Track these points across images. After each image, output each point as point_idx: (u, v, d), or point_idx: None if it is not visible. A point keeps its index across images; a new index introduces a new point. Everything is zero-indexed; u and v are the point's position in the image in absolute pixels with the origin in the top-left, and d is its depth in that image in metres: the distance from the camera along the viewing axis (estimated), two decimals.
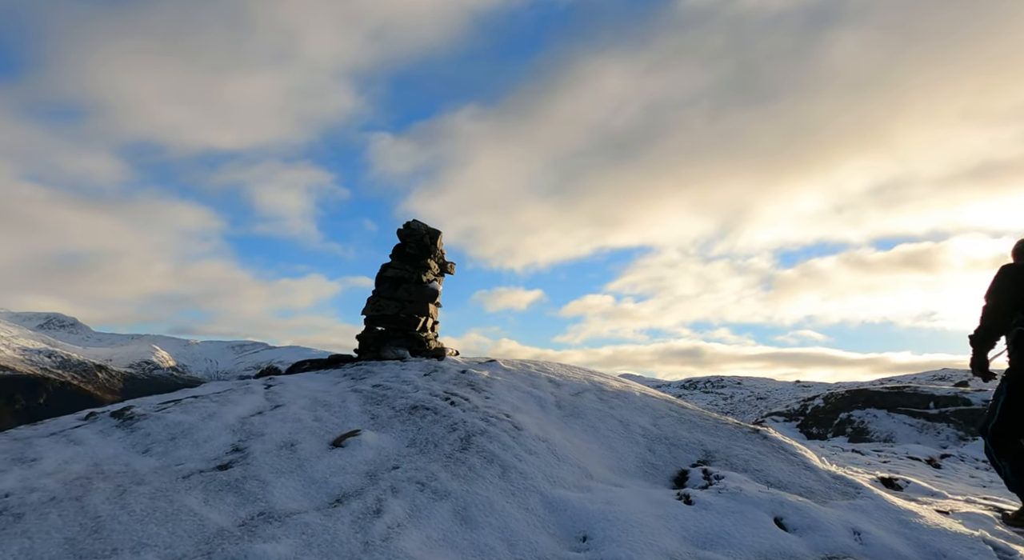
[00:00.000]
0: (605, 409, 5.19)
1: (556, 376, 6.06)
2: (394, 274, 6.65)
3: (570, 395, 5.46)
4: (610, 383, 6.12)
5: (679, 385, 77.48)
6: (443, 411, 4.45)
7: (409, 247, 6.77)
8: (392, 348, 6.47)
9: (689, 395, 68.90)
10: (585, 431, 4.70)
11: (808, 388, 57.43)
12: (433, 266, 6.90)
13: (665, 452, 4.55)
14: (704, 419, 5.26)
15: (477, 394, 4.98)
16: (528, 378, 5.80)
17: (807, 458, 4.60)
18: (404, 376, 5.42)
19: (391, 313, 6.60)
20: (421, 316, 6.66)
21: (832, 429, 12.08)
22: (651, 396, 5.80)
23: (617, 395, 5.63)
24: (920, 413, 11.10)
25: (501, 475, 3.56)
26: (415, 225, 6.87)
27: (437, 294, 6.74)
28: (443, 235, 7.22)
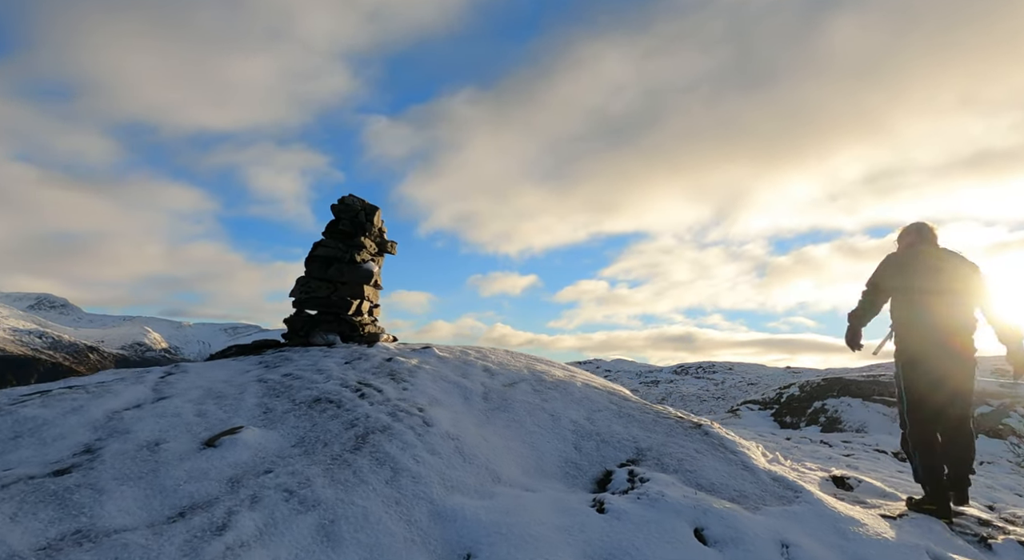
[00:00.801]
0: (537, 401, 4.77)
1: (494, 365, 5.64)
2: (325, 253, 6.18)
3: (502, 385, 5.04)
4: (552, 372, 5.71)
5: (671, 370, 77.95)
6: (348, 404, 4.02)
7: (342, 224, 6.29)
8: (322, 333, 6.02)
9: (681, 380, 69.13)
10: (508, 426, 4.29)
11: (798, 374, 57.62)
12: (369, 245, 6.42)
13: (593, 450, 4.15)
14: (644, 412, 4.86)
15: (395, 385, 4.56)
16: (461, 367, 5.37)
17: (748, 456, 4.21)
18: (322, 364, 4.98)
19: (322, 295, 6.15)
20: (355, 299, 6.21)
21: (805, 418, 11.77)
22: (594, 386, 5.40)
23: (556, 386, 5.22)
24: (895, 402, 10.77)
25: (390, 480, 3.14)
26: (350, 200, 6.39)
27: (372, 275, 6.28)
28: (380, 212, 6.74)
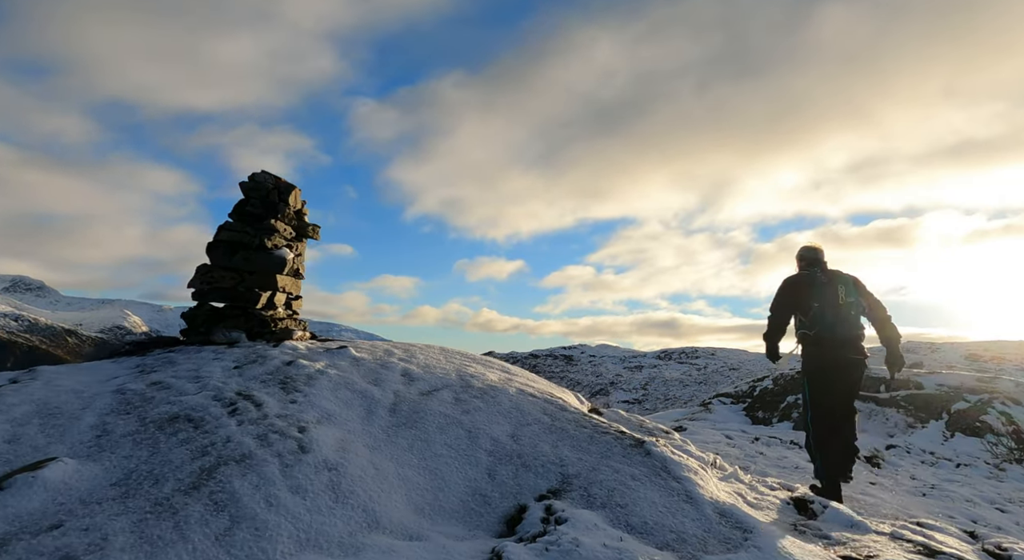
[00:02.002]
0: (456, 414, 4.08)
1: (418, 368, 4.94)
2: (230, 238, 5.39)
3: (419, 394, 4.34)
4: (486, 376, 5.02)
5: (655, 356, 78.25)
6: (211, 424, 3.30)
7: (251, 204, 5.51)
8: (224, 330, 5.27)
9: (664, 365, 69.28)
10: (412, 448, 3.60)
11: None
12: (283, 228, 5.65)
13: (509, 478, 3.47)
14: (581, 427, 4.19)
15: (283, 396, 3.84)
16: (376, 371, 4.66)
17: (693, 483, 3.56)
18: (205, 369, 4.24)
19: (226, 286, 5.37)
20: (265, 290, 5.45)
21: (778, 413, 11.25)
22: (529, 393, 4.72)
23: (484, 393, 4.53)
24: (870, 397, 10.29)
25: (222, 535, 2.43)
26: (260, 177, 5.60)
27: (286, 263, 5.51)
28: (299, 191, 5.96)
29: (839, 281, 4.58)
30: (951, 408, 9.80)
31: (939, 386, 10.47)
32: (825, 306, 4.49)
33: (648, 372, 66.68)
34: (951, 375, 10.91)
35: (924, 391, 10.37)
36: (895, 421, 10.00)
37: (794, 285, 4.71)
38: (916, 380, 10.71)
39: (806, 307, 4.56)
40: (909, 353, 51.32)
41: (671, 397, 54.37)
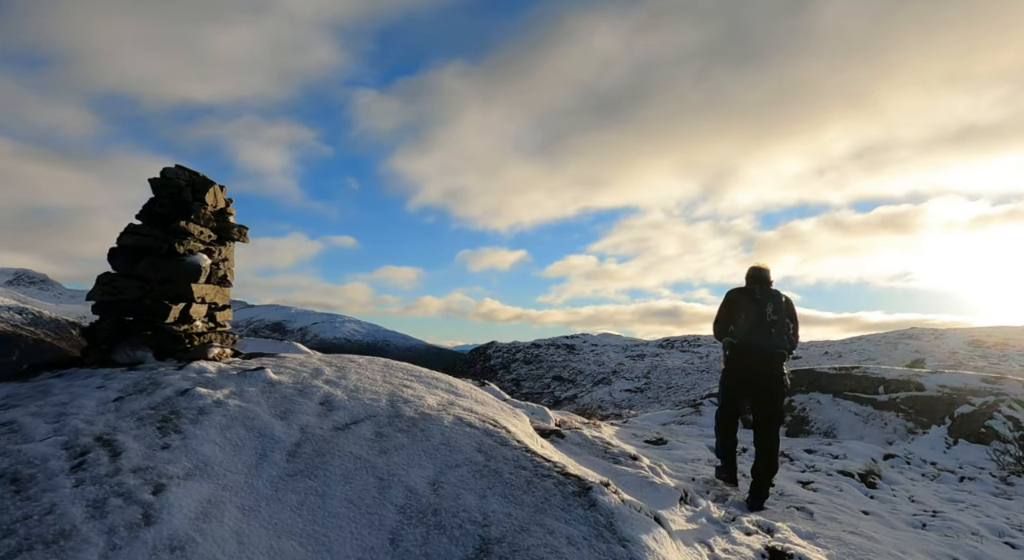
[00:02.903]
0: (370, 455, 3.45)
1: (343, 392, 4.30)
2: (135, 242, 4.73)
3: (333, 429, 3.71)
4: (423, 400, 4.38)
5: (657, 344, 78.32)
6: (39, 485, 2.67)
7: (159, 204, 4.84)
8: (128, 348, 4.62)
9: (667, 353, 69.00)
10: (302, 507, 2.96)
11: None
12: (198, 231, 4.98)
13: (417, 545, 2.84)
14: (520, 467, 3.56)
15: (155, 439, 3.20)
16: (288, 400, 4.02)
17: (643, 549, 2.93)
18: (78, 403, 3.60)
19: (132, 298, 4.72)
20: (176, 302, 4.79)
21: None
22: (468, 423, 4.08)
23: (412, 425, 3.89)
24: (868, 400, 9.68)
25: None
26: (172, 172, 4.92)
27: (200, 270, 4.85)
28: (221, 188, 5.28)
29: (771, 299, 5.13)
30: (954, 412, 9.17)
31: (941, 387, 9.82)
32: (750, 318, 5.07)
33: (650, 361, 66.38)
34: (954, 375, 10.26)
35: (925, 393, 9.73)
36: (894, 426, 9.37)
37: (733, 297, 5.32)
38: (917, 381, 10.06)
39: (736, 317, 5.17)
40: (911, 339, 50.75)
41: (673, 385, 54.06)
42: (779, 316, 5.05)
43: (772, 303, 5.10)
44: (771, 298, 5.14)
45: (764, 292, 5.21)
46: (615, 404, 52.40)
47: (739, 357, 5.15)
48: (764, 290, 5.25)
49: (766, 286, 5.33)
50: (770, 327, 5.02)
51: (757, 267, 5.43)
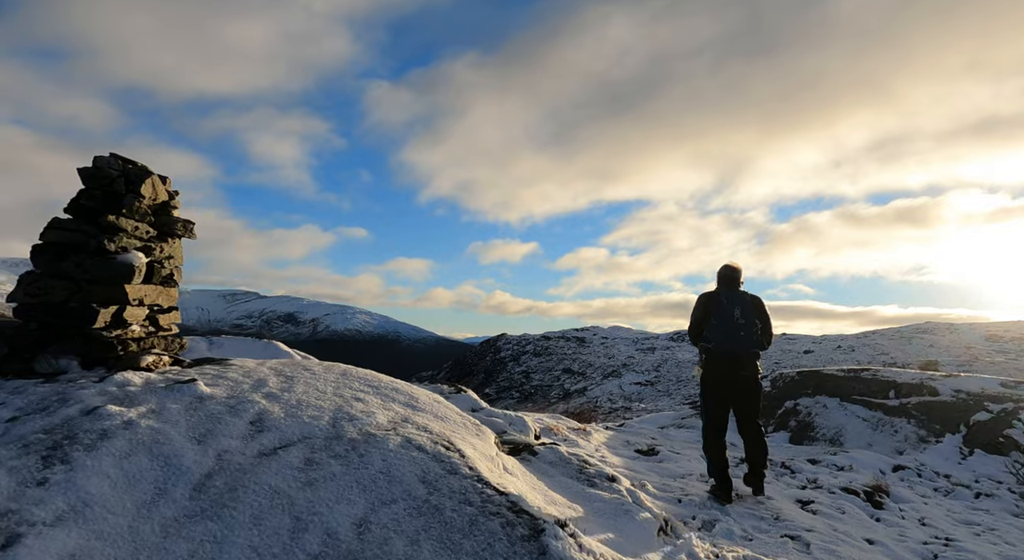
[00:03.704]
0: (293, 488, 3.00)
1: (283, 407, 3.84)
2: (60, 239, 4.29)
3: (257, 455, 3.25)
4: (372, 417, 3.92)
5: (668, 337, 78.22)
6: None
7: (87, 196, 4.40)
8: (50, 356, 4.19)
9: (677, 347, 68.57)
10: (191, 558, 2.51)
11: (793, 341, 56.70)
12: (131, 226, 4.52)
13: None
14: (464, 503, 3.09)
15: (33, 472, 2.74)
16: (215, 418, 3.57)
17: None
18: None
19: (57, 299, 4.30)
20: (107, 305, 4.35)
21: (775, 421, 10.11)
22: (416, 446, 3.61)
23: (353, 448, 3.43)
24: (878, 404, 9.13)
25: None
26: (103, 161, 4.46)
27: (132, 270, 4.40)
28: (163, 179, 4.82)
29: (738, 301, 5.17)
30: (970, 420, 8.59)
31: (956, 393, 9.23)
32: (720, 322, 5.09)
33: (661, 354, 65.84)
34: (971, 379, 9.65)
35: (939, 398, 9.14)
36: (905, 434, 8.81)
37: (704, 301, 5.31)
38: (930, 385, 9.47)
39: (707, 322, 5.18)
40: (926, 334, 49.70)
41: (684, 379, 53.51)
42: (747, 318, 5.13)
43: (739, 306, 5.17)
44: (738, 300, 5.21)
45: (730, 295, 5.26)
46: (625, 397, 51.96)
47: (713, 363, 5.20)
48: (730, 293, 5.28)
49: (735, 287, 5.36)
50: (739, 330, 5.10)
51: (728, 266, 5.43)
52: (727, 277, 5.37)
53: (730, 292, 5.28)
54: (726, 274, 5.38)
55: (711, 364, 5.21)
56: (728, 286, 5.34)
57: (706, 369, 5.27)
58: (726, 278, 5.37)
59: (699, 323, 5.28)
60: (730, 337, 5.09)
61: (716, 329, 5.10)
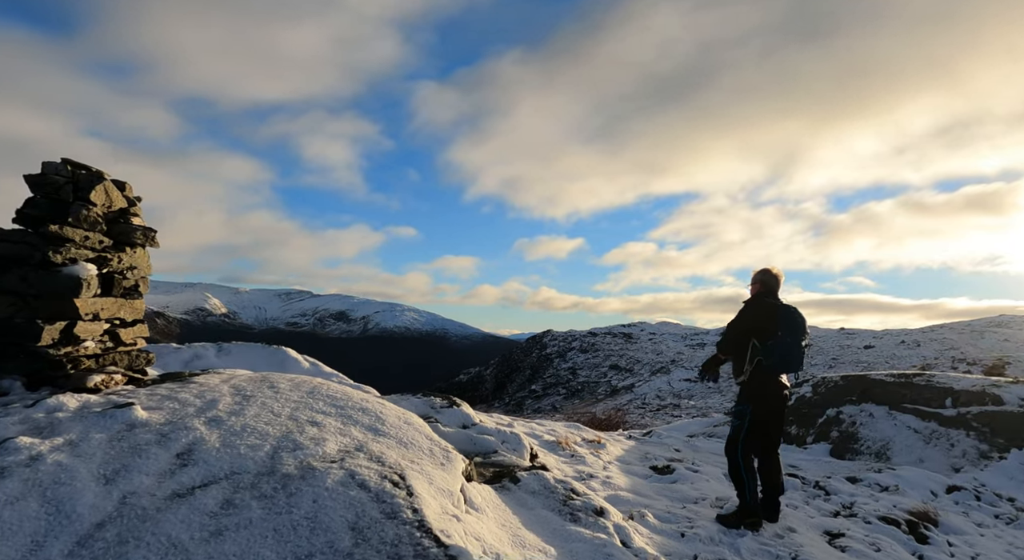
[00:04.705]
0: (193, 540, 2.60)
1: (222, 435, 3.46)
2: (3, 251, 4.06)
3: (167, 496, 2.87)
4: (320, 446, 3.51)
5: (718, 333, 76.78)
6: None
7: (33, 205, 4.15)
8: None
9: None
10: None
11: (852, 335, 54.10)
12: (80, 236, 4.24)
13: None
14: (395, 557, 2.63)
15: None
16: (136, 451, 3.22)
17: None
18: None
19: (1, 316, 4.07)
20: (53, 321, 4.08)
21: (815, 431, 9.28)
22: (358, 483, 3.17)
23: (282, 487, 3.03)
24: (932, 414, 8.21)
25: None
26: (51, 167, 4.19)
27: (80, 284, 4.12)
28: (120, 185, 4.54)
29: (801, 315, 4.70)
30: None
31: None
32: (795, 341, 4.57)
33: (711, 349, 64.00)
34: None
35: (1005, 408, 8.12)
36: (963, 448, 7.87)
37: (772, 311, 4.69)
38: (994, 393, 8.43)
39: (770, 334, 4.61)
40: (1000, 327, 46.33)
41: None
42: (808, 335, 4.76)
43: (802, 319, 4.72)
44: (799, 313, 4.73)
45: (799, 312, 4.73)
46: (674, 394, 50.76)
47: (775, 384, 4.69)
48: (790, 305, 4.76)
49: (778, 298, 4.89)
50: (804, 354, 4.66)
51: (774, 274, 4.92)
52: (775, 285, 4.89)
53: (788, 304, 4.76)
54: (771, 281, 4.89)
55: (772, 384, 4.68)
56: (776, 297, 4.85)
57: (765, 389, 4.69)
58: (773, 286, 4.88)
59: (759, 333, 4.67)
60: (798, 359, 4.58)
61: (787, 348, 4.54)
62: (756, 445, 4.78)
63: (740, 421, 4.79)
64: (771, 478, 4.84)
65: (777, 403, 4.74)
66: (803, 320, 4.71)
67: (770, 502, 4.85)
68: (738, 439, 4.74)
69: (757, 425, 4.71)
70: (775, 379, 4.69)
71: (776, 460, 4.87)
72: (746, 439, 4.72)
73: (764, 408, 4.71)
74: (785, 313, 4.66)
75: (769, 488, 4.85)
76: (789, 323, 4.60)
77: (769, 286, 4.86)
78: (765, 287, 4.87)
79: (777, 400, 4.73)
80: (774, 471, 4.85)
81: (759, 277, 4.92)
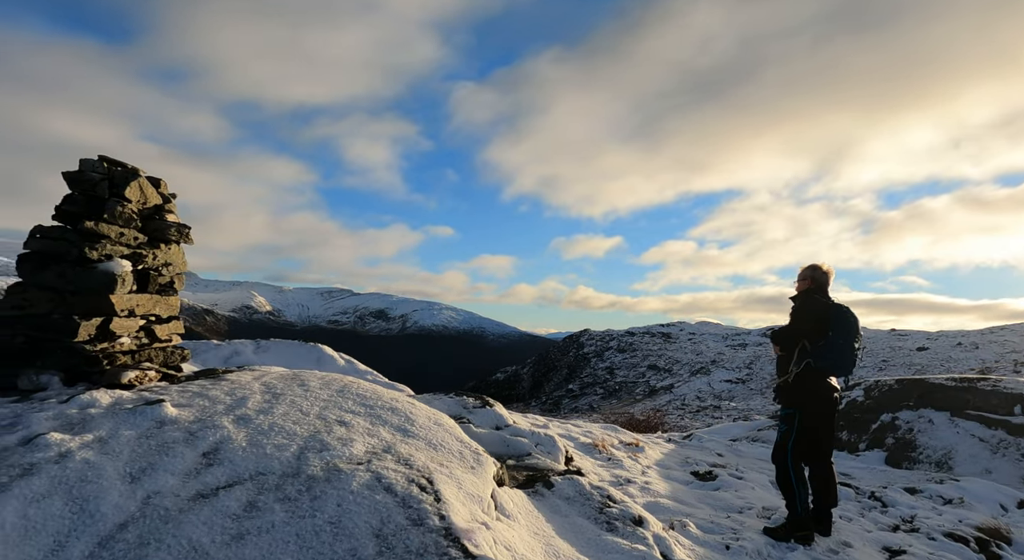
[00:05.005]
0: (214, 544, 2.52)
1: (248, 433, 3.40)
2: (42, 247, 4.10)
3: (191, 497, 2.81)
4: (348, 446, 3.41)
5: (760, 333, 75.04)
6: None
7: (71, 201, 4.18)
8: (33, 372, 4.00)
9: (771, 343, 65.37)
10: None
11: (905, 337, 51.94)
12: (115, 233, 4.25)
13: None
14: None
15: None
16: (164, 448, 3.17)
17: None
18: None
19: (42, 311, 4.11)
20: (88, 318, 4.10)
21: (868, 437, 8.79)
22: (384, 486, 3.06)
23: (307, 489, 2.93)
24: (999, 421, 7.68)
25: None
26: (88, 164, 4.22)
27: (115, 280, 4.13)
28: (155, 182, 4.54)
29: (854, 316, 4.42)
30: None
31: None
32: (848, 344, 4.31)
33: (753, 350, 62.57)
34: None
35: None
36: None
37: (824, 312, 4.43)
38: None
39: (821, 334, 4.38)
40: None
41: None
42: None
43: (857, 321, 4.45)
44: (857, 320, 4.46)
45: (852, 312, 4.46)
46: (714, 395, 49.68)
47: (825, 387, 4.43)
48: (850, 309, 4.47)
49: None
50: (857, 356, 4.39)
51: (825, 270, 4.64)
52: (826, 282, 4.62)
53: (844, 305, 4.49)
54: (823, 278, 4.61)
55: (822, 387, 4.42)
56: (826, 294, 4.59)
57: (821, 393, 4.42)
58: (824, 283, 4.61)
59: (810, 333, 4.41)
60: (850, 362, 4.33)
61: (839, 350, 4.29)
62: (806, 452, 4.47)
63: (788, 426, 4.52)
64: (823, 488, 4.55)
65: (828, 407, 4.46)
66: (856, 321, 4.42)
67: (822, 514, 4.56)
68: (787, 445, 4.47)
69: (807, 430, 4.44)
70: (825, 381, 4.43)
71: (829, 468, 4.56)
72: (795, 445, 4.45)
73: (814, 412, 4.44)
74: (838, 313, 4.40)
75: (821, 498, 4.55)
76: (842, 324, 4.34)
77: (820, 283, 4.59)
78: (816, 283, 4.59)
79: (828, 404, 4.45)
80: (827, 480, 4.54)
81: (809, 273, 4.64)
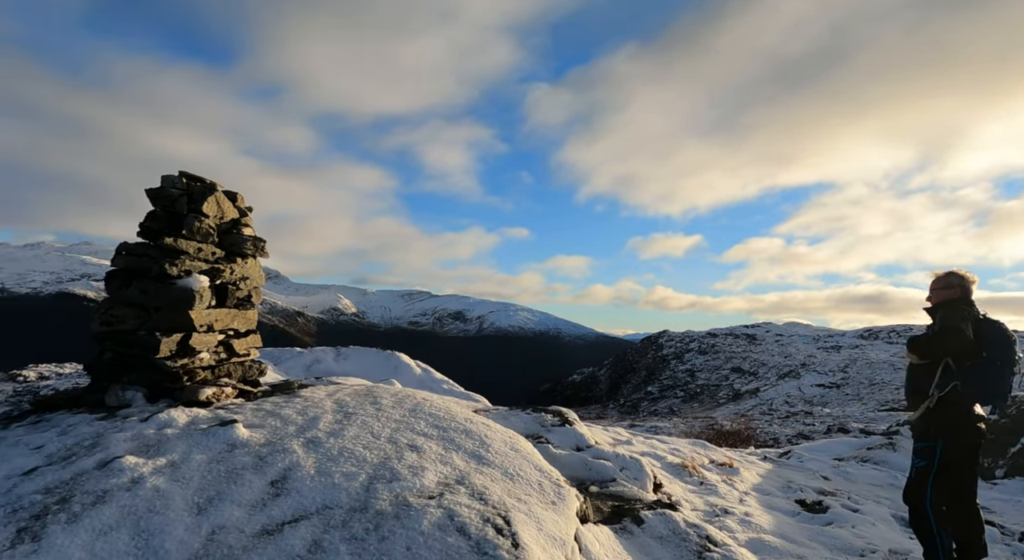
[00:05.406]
0: None
1: (319, 459, 3.24)
2: (127, 264, 4.14)
3: (255, 533, 2.65)
4: (420, 478, 3.18)
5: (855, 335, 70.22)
6: None
7: (153, 218, 4.20)
8: (120, 388, 4.04)
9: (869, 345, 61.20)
10: None
11: None
12: (194, 248, 4.25)
13: None
14: None
15: None
16: (232, 475, 3.05)
17: None
18: None
19: (129, 328, 4.15)
20: (169, 334, 4.11)
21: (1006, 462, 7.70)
22: (460, 523, 2.79)
23: (374, 528, 2.71)
24: None
25: None
26: (168, 180, 4.25)
27: (193, 296, 4.11)
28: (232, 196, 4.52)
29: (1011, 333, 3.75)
30: None
31: None
32: (1006, 365, 3.66)
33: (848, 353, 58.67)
34: None
35: None
36: None
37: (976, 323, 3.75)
38: None
39: (972, 354, 3.68)
40: None
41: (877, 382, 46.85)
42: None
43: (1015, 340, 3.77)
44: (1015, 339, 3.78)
45: (1007, 328, 3.80)
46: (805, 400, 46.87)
47: (972, 416, 3.76)
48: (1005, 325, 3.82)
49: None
50: (1012, 383, 3.76)
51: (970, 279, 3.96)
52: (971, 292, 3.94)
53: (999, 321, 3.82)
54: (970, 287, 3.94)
55: (968, 415, 3.75)
56: (974, 307, 3.89)
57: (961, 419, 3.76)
58: (970, 293, 3.93)
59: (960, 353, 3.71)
60: (1006, 389, 3.74)
61: (995, 374, 3.66)
62: (947, 492, 3.82)
63: (926, 461, 3.85)
64: (969, 535, 3.86)
65: (973, 439, 3.79)
66: (1014, 339, 3.73)
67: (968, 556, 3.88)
68: (926, 484, 3.83)
69: (950, 467, 3.78)
70: (971, 409, 3.75)
71: (974, 510, 3.86)
72: (936, 484, 3.80)
73: (959, 445, 3.77)
74: (994, 329, 3.72)
75: (964, 545, 3.86)
76: (1001, 342, 3.67)
77: (969, 293, 3.93)
78: (964, 294, 3.91)
79: (974, 436, 3.79)
80: (972, 525, 3.85)
81: (957, 281, 3.93)
